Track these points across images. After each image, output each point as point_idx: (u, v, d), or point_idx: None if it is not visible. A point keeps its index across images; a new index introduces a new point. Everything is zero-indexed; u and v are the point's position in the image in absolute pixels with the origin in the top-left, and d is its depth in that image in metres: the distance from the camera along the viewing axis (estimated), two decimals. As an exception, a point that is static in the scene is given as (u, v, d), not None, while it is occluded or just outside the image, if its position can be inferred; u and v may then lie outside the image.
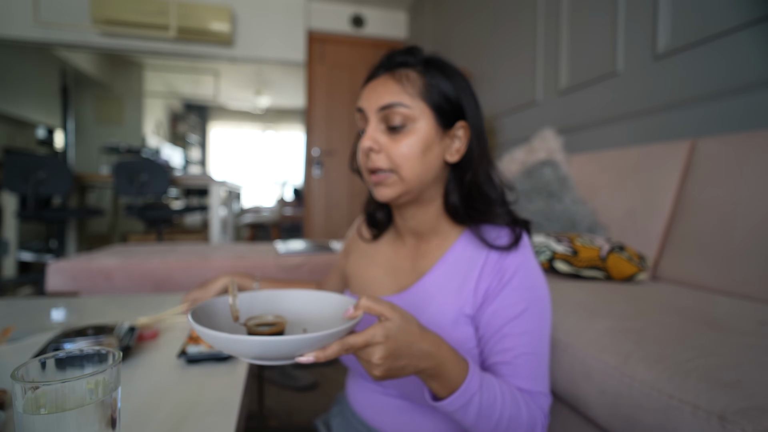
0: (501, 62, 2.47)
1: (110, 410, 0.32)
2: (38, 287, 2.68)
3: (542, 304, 0.56)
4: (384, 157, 0.54)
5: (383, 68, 0.56)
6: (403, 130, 0.53)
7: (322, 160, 3.95)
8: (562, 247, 1.09)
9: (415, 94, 0.53)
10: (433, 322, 0.56)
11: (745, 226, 0.92)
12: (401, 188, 0.55)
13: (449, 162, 0.57)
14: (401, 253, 0.65)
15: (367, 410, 0.65)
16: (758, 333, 0.63)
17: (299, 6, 3.80)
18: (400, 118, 0.53)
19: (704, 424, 0.47)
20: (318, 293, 0.56)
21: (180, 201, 4.39)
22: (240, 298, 0.53)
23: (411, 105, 0.53)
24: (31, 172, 2.49)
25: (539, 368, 0.54)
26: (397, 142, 0.53)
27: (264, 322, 0.51)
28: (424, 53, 0.57)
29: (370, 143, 0.54)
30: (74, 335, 0.65)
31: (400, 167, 0.54)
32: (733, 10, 1.16)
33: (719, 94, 1.22)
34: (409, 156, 0.53)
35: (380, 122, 0.54)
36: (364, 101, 0.56)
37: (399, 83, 0.54)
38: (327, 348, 0.40)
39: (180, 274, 1.43)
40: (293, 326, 0.53)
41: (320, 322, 0.52)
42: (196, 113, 4.87)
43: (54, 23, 3.27)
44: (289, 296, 0.57)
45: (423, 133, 0.54)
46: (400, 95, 0.53)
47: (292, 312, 0.55)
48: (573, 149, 1.75)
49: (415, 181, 0.55)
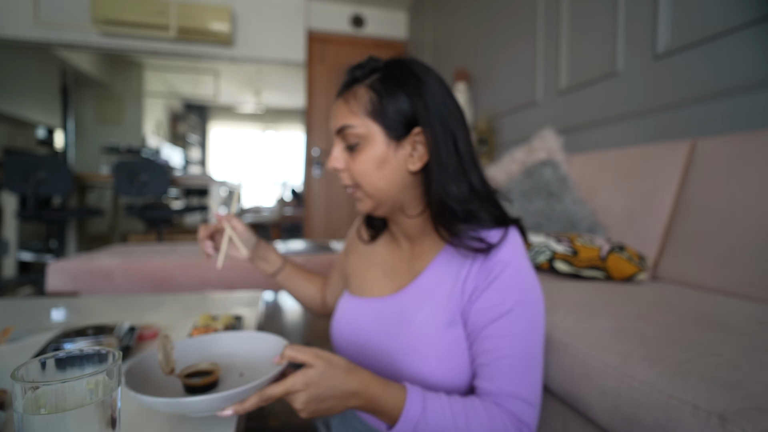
0: (501, 62, 2.47)
1: (110, 410, 0.32)
2: (38, 287, 2.68)
3: (530, 306, 0.53)
4: (347, 176, 0.57)
5: (343, 86, 0.58)
6: (357, 148, 0.55)
7: (322, 160, 3.95)
8: (562, 247, 1.09)
9: (360, 112, 0.54)
10: (427, 322, 0.56)
11: (745, 226, 0.92)
12: (370, 202, 0.58)
13: (411, 171, 0.56)
14: (397, 254, 0.66)
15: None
16: (758, 333, 0.63)
17: (299, 6, 3.80)
18: (353, 137, 0.55)
19: (704, 424, 0.47)
20: (252, 335, 0.60)
21: (180, 201, 4.39)
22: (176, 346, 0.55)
23: (358, 125, 0.54)
24: (31, 172, 2.49)
25: (522, 374, 0.50)
26: (355, 160, 0.56)
27: (199, 370, 0.51)
28: (378, 62, 0.57)
29: (334, 163, 0.57)
30: (74, 335, 0.65)
31: (361, 184, 0.56)
32: (733, 10, 1.16)
33: (719, 94, 1.22)
34: (365, 172, 0.55)
35: (341, 141, 0.57)
36: (332, 117, 0.58)
37: (347, 104, 0.55)
38: (246, 401, 0.42)
39: (180, 274, 1.43)
40: (229, 371, 0.54)
41: (255, 365, 0.55)
42: (196, 113, 4.87)
43: (54, 23, 3.28)
44: (225, 339, 0.59)
45: (375, 149, 0.54)
46: (347, 117, 0.55)
47: (229, 355, 0.57)
48: (573, 149, 1.75)
49: (380, 194, 0.56)
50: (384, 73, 0.55)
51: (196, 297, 1.13)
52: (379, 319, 0.62)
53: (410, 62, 0.56)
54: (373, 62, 0.57)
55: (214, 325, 0.79)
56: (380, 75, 0.55)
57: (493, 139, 2.50)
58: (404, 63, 0.56)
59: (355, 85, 0.56)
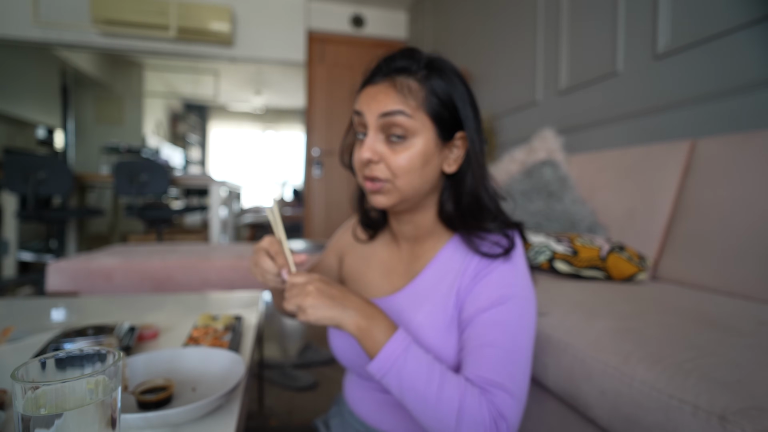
0: (501, 62, 2.47)
1: (110, 410, 0.32)
2: (38, 287, 2.68)
3: (523, 304, 0.53)
4: (383, 168, 0.53)
5: (382, 74, 0.54)
6: (403, 142, 0.52)
7: (322, 160, 3.95)
8: (562, 247, 1.09)
9: (416, 106, 0.52)
10: (426, 323, 0.56)
11: (745, 226, 0.92)
12: (397, 197, 0.55)
13: (446, 172, 0.57)
14: (396, 255, 0.66)
15: (365, 409, 0.65)
16: (758, 333, 0.63)
17: (299, 6, 3.80)
18: (401, 129, 0.52)
19: (704, 424, 0.47)
20: (205, 351, 0.62)
21: (180, 201, 4.39)
22: (135, 361, 0.57)
23: (413, 116, 0.51)
24: (31, 172, 2.49)
25: (506, 365, 0.48)
26: (397, 154, 0.52)
27: (153, 387, 0.53)
28: (424, 56, 0.54)
29: (370, 155, 0.52)
30: (74, 335, 0.65)
31: (397, 178, 0.53)
32: (733, 10, 1.16)
33: (719, 94, 1.21)
34: (409, 169, 0.52)
35: (379, 131, 0.53)
36: (364, 106, 0.54)
37: (400, 93, 0.52)
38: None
39: (180, 274, 1.43)
40: (182, 386, 0.56)
41: (208, 380, 0.57)
42: (196, 113, 4.87)
43: (54, 23, 3.27)
44: (177, 355, 0.61)
45: (423, 146, 0.52)
46: (402, 104, 0.51)
47: (186, 371, 0.59)
48: (573, 149, 1.75)
49: (412, 192, 0.55)
50: (434, 71, 0.53)
51: (196, 297, 1.13)
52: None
53: (451, 64, 0.56)
54: (420, 57, 0.54)
55: (214, 325, 0.79)
56: (429, 73, 0.53)
57: (493, 139, 2.50)
58: (449, 64, 0.56)
59: (403, 76, 0.52)
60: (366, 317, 0.49)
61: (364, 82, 0.56)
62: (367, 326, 0.48)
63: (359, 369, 0.63)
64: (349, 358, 0.64)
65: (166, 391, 0.52)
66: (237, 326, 0.80)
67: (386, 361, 0.47)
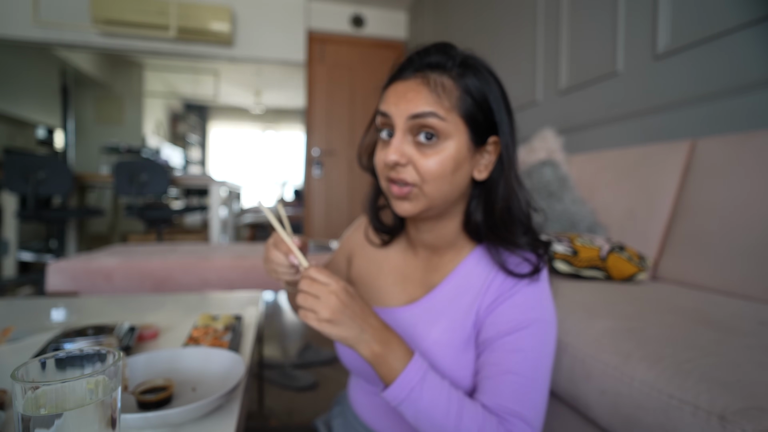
0: (501, 62, 2.47)
1: (110, 410, 0.32)
2: (38, 287, 2.68)
3: (544, 329, 0.51)
4: (411, 171, 0.49)
5: (413, 68, 0.49)
6: (434, 145, 0.48)
7: (322, 160, 3.94)
8: (562, 247, 1.09)
9: (449, 107, 0.47)
10: (442, 341, 0.53)
11: (745, 226, 0.92)
12: (424, 204, 0.50)
13: (477, 179, 0.53)
14: (412, 263, 0.62)
15: (371, 414, 0.64)
16: (758, 333, 0.63)
17: (299, 6, 3.80)
18: (432, 130, 0.48)
19: (704, 424, 0.47)
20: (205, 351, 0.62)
21: (180, 201, 4.39)
22: (135, 361, 0.57)
23: (446, 118, 0.47)
24: (31, 172, 2.49)
25: (527, 393, 0.47)
26: (427, 157, 0.48)
27: (153, 387, 0.53)
28: (460, 53, 0.50)
29: (397, 157, 0.48)
30: (74, 335, 0.65)
31: (426, 183, 0.49)
32: (733, 10, 1.16)
33: (719, 94, 1.21)
34: (440, 174, 0.48)
35: (408, 133, 0.49)
36: (392, 106, 0.49)
37: (434, 93, 0.47)
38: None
39: (180, 274, 1.43)
40: (182, 386, 0.57)
41: (209, 380, 0.57)
42: (196, 113, 4.87)
43: (54, 23, 3.27)
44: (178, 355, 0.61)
45: (456, 150, 0.48)
46: (434, 104, 0.47)
47: (186, 371, 0.59)
48: (573, 149, 1.75)
49: (440, 199, 0.50)
50: (469, 69, 0.49)
51: (196, 297, 1.13)
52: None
53: (486, 63, 0.52)
54: (456, 53, 0.50)
55: (214, 325, 0.79)
56: (464, 71, 0.49)
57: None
58: (485, 63, 0.52)
59: (436, 73, 0.48)
60: (382, 343, 0.46)
61: (392, 77, 0.52)
62: (382, 353, 0.46)
63: (366, 375, 0.61)
64: (355, 366, 0.61)
65: (166, 391, 0.52)
66: (237, 326, 0.80)
67: (401, 391, 0.45)
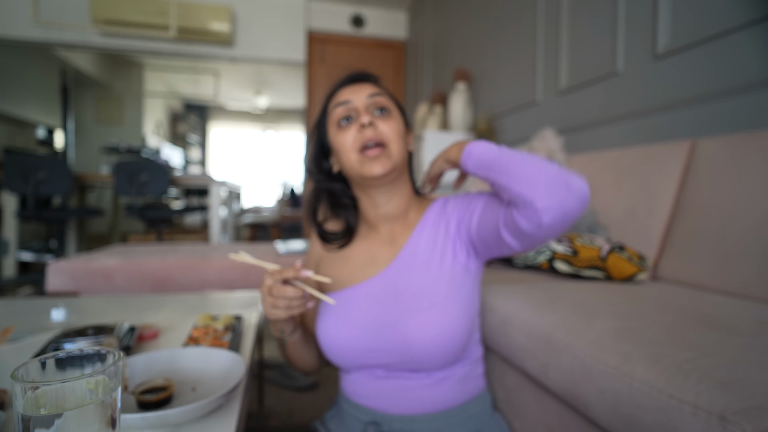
0: (501, 62, 2.47)
1: (110, 410, 0.32)
2: (38, 287, 2.68)
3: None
4: (378, 132, 0.63)
5: (351, 80, 0.69)
6: (387, 117, 0.65)
7: (322, 160, 3.94)
8: (562, 247, 1.09)
9: (388, 96, 0.68)
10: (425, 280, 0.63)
11: (745, 226, 0.92)
12: (391, 163, 0.63)
13: (409, 151, 0.70)
14: (376, 240, 0.71)
15: (372, 397, 0.65)
16: (758, 333, 0.63)
17: (299, 6, 3.80)
18: (384, 106, 0.65)
19: (704, 424, 0.47)
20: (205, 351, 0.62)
21: (180, 201, 4.39)
22: (135, 361, 0.57)
23: (389, 100, 0.68)
24: (31, 172, 2.49)
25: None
26: (386, 122, 0.64)
27: (153, 387, 0.53)
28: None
29: (369, 118, 0.63)
30: (74, 335, 0.65)
31: (390, 142, 0.63)
32: (733, 10, 1.16)
33: (719, 94, 1.21)
34: (396, 135, 0.64)
35: (366, 112, 0.64)
36: (351, 95, 0.66)
37: (376, 85, 0.68)
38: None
39: (180, 274, 1.43)
40: (182, 386, 0.57)
41: (209, 380, 0.57)
42: (196, 113, 4.88)
43: (54, 23, 3.27)
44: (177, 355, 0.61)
45: (399, 123, 0.67)
46: (381, 90, 0.67)
47: (186, 371, 0.59)
48: (573, 149, 1.75)
49: (399, 158, 0.64)
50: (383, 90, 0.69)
51: (196, 297, 1.13)
52: (372, 299, 0.64)
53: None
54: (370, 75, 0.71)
55: (214, 325, 0.79)
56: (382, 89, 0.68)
57: (493, 139, 2.50)
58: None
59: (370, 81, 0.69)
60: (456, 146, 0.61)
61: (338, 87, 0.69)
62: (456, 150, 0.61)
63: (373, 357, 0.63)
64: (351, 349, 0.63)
65: (166, 391, 0.52)
66: (237, 326, 0.80)
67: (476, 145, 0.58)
